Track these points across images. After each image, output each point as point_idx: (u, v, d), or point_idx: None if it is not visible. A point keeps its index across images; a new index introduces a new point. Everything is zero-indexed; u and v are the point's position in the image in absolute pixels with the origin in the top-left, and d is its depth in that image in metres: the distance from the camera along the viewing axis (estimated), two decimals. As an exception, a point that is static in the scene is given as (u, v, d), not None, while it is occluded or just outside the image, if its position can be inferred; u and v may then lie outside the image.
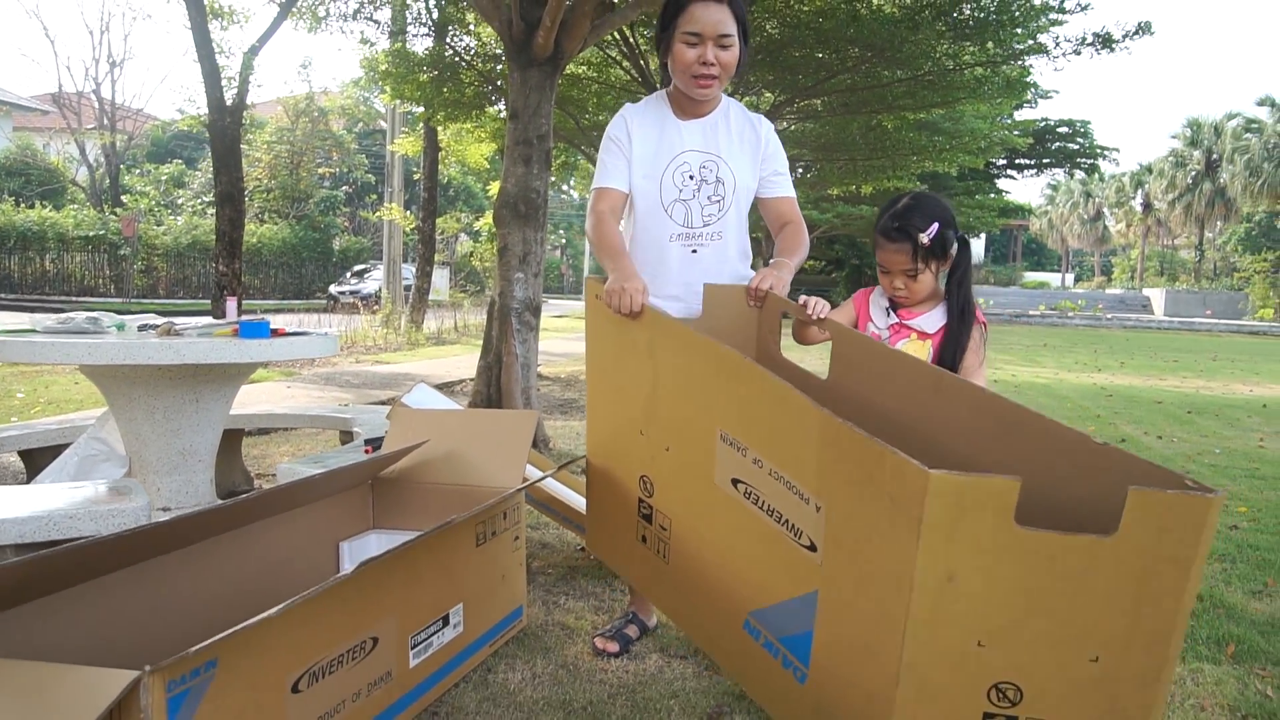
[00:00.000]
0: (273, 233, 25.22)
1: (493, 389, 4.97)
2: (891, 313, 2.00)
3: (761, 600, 1.63)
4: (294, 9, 10.64)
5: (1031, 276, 46.05)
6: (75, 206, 23.52)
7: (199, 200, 25.71)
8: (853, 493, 1.40)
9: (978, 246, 46.22)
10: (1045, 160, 29.20)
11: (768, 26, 9.06)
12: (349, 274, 25.29)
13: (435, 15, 10.72)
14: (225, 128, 9.92)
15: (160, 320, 2.99)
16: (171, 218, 23.88)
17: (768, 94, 10.42)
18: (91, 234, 21.36)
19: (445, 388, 7.84)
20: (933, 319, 1.95)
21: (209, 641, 1.27)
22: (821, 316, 1.89)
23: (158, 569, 1.86)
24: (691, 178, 2.11)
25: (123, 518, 2.17)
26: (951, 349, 1.89)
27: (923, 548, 1.32)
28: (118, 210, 23.22)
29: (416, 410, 2.56)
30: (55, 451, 3.27)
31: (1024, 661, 1.36)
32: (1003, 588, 1.35)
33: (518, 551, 2.32)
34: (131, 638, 1.78)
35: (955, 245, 1.92)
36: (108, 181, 26.49)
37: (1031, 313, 29.28)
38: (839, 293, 26.15)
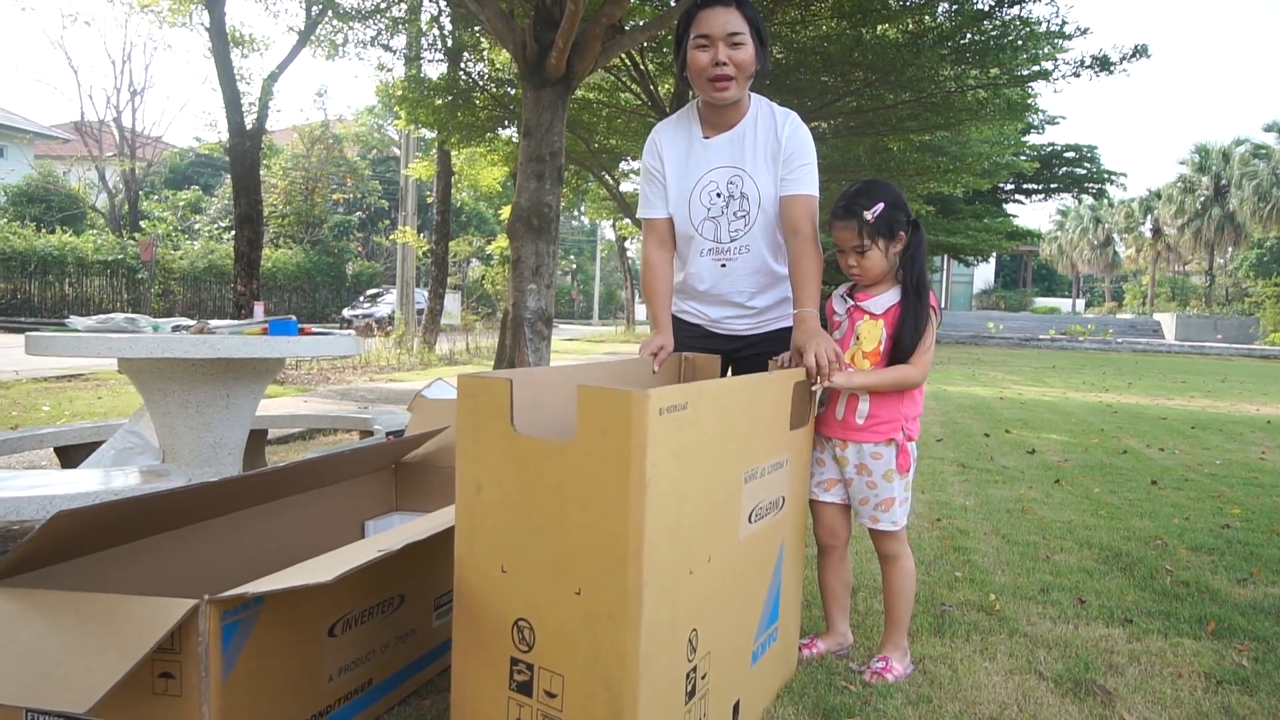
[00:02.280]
0: (287, 257, 25.60)
1: (506, 396, 5.13)
2: (849, 298, 2.11)
3: None
4: (313, 37, 10.96)
5: (1042, 302, 46.07)
6: (95, 232, 23.96)
7: (215, 225, 26.14)
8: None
9: (987, 270, 46.34)
10: (1053, 185, 29.35)
11: (774, 51, 9.30)
12: (362, 298, 25.61)
13: (449, 42, 11.03)
14: (245, 152, 10.19)
15: (192, 322, 3.16)
16: (188, 242, 24.27)
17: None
18: (110, 258, 21.75)
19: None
20: (882, 301, 2.05)
21: (259, 582, 1.41)
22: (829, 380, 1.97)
23: (196, 535, 2.00)
24: (719, 195, 2.19)
25: (163, 496, 2.32)
26: (909, 324, 1.99)
27: (459, 454, 1.37)
28: (136, 235, 23.63)
29: (436, 400, 2.71)
30: (89, 449, 3.42)
31: (532, 593, 1.35)
32: (511, 502, 1.33)
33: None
34: (196, 584, 1.93)
35: (907, 229, 2.05)
36: (126, 207, 26.96)
37: (1041, 337, 29.33)
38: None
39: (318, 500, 2.35)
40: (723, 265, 2.22)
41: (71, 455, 3.56)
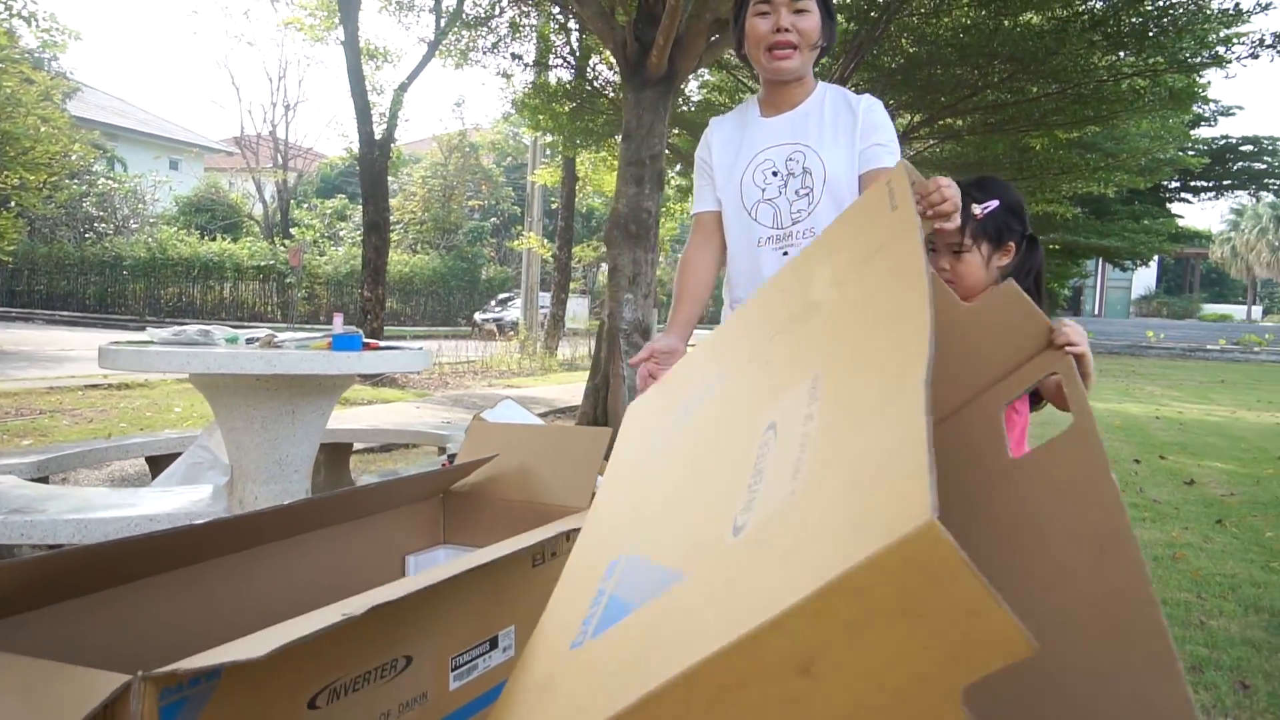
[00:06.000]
0: (424, 262, 26.54)
1: (599, 410, 4.93)
2: None
3: None
4: (441, 47, 11.18)
5: (1211, 309, 42.41)
6: (250, 239, 25.57)
7: (359, 232, 27.41)
8: None
9: (1148, 275, 43.09)
10: (1226, 182, 26.94)
11: (905, 44, 8.76)
12: (493, 302, 26.24)
13: (575, 49, 11.02)
14: (373, 161, 10.49)
15: (265, 333, 3.09)
16: (333, 248, 25.53)
17: (904, 115, 10.05)
18: (263, 264, 23.14)
19: (567, 411, 7.90)
20: None
21: (200, 656, 1.22)
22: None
23: (219, 570, 1.86)
24: (775, 174, 1.93)
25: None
26: None
27: None
28: (286, 242, 25.05)
29: (493, 424, 2.51)
30: (174, 458, 3.43)
31: None
32: None
33: (582, 575, 2.21)
34: (183, 639, 1.79)
35: (1020, 241, 1.70)
36: (279, 216, 28.66)
37: (1210, 347, 26.89)
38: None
39: (357, 532, 2.18)
40: (785, 254, 1.92)
41: (161, 465, 3.59)
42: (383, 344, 3.11)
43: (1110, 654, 1.01)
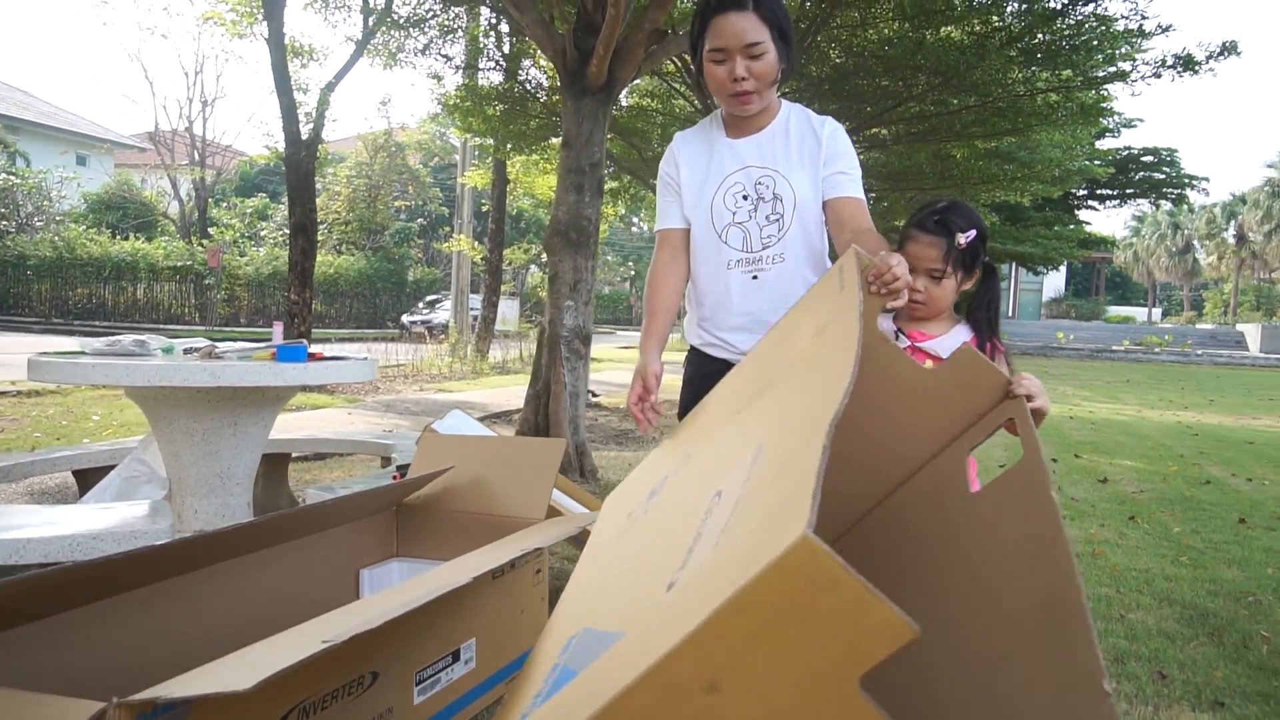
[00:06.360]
0: (349, 263, 25.98)
1: (540, 417, 4.93)
2: (901, 335, 1.79)
3: None
4: (369, 46, 10.99)
5: (1116, 311, 44.42)
6: (166, 239, 24.65)
7: (280, 232, 26.66)
8: None
9: (1058, 278, 44.85)
10: (1129, 190, 28.22)
11: (833, 54, 8.97)
12: (421, 304, 25.86)
13: (507, 50, 10.95)
14: (300, 161, 10.25)
15: (204, 344, 3.03)
16: (254, 249, 24.79)
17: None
18: (179, 264, 22.35)
19: (502, 416, 7.86)
20: (947, 343, 1.73)
21: (176, 681, 1.22)
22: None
23: (171, 592, 1.83)
24: (745, 197, 1.95)
25: (146, 539, 2.16)
26: None
27: None
28: (204, 242, 24.24)
29: (445, 436, 2.52)
30: (105, 472, 3.32)
31: None
32: None
33: (539, 586, 2.24)
34: (144, 660, 1.76)
35: (981, 268, 1.80)
36: (197, 215, 27.70)
37: (1115, 348, 28.18)
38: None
39: (311, 547, 2.17)
40: (754, 278, 1.96)
41: (89, 478, 3.47)
42: (328, 354, 3.08)
43: (1044, 646, 1.09)
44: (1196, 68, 7.09)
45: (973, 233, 1.75)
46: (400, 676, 1.72)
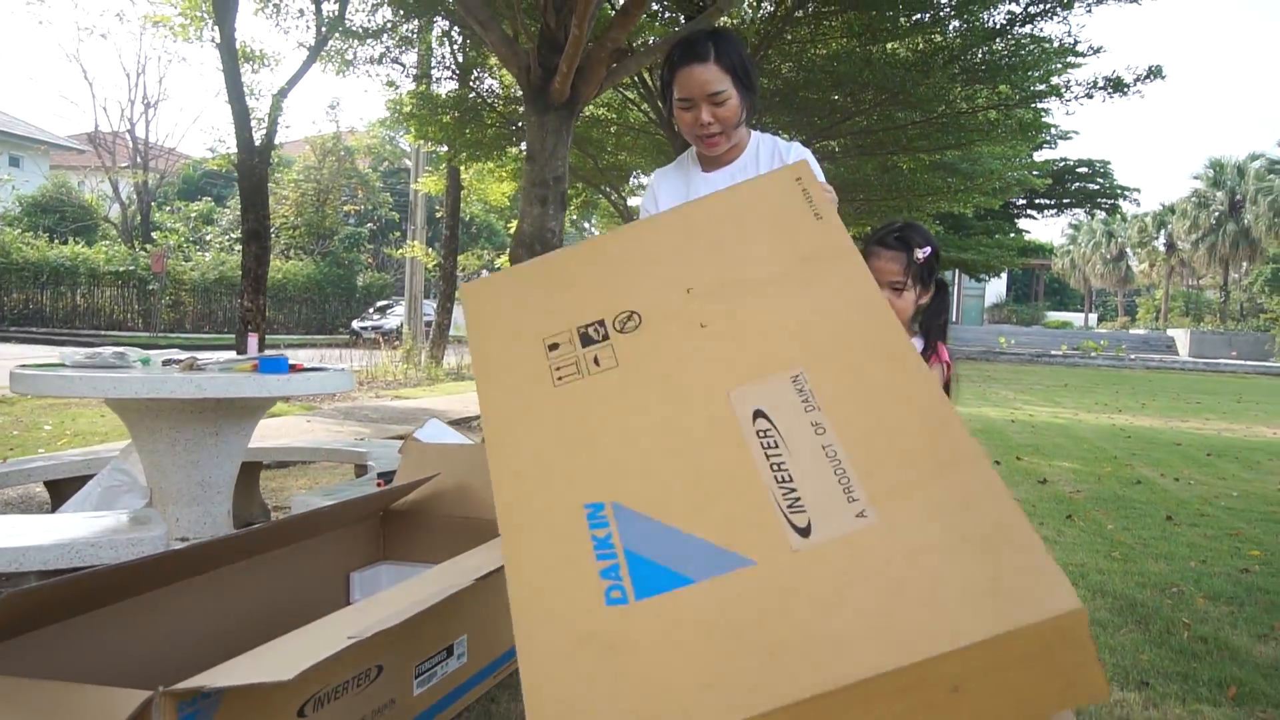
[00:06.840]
0: (298, 269, 25.65)
1: (507, 425, 5.05)
2: None
3: None
4: (322, 53, 10.96)
5: (1054, 316, 45.78)
6: (107, 243, 24.07)
7: (226, 237, 26.22)
8: None
9: (999, 284, 46.09)
10: (1065, 200, 29.24)
11: (784, 69, 9.24)
12: (372, 309, 25.63)
13: (460, 59, 11.02)
14: (253, 167, 10.17)
15: (184, 355, 3.09)
16: (199, 254, 24.36)
17: (784, 135, 10.58)
18: (121, 269, 21.84)
19: (462, 423, 7.93)
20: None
21: (218, 670, 1.33)
22: None
23: (173, 596, 1.93)
24: None
25: (142, 546, 2.24)
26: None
27: None
28: (148, 246, 23.72)
29: (428, 444, 2.63)
30: (79, 482, 3.36)
31: None
32: None
33: (523, 584, 2.37)
34: (146, 662, 1.85)
35: (935, 285, 1.99)
36: (139, 218, 27.09)
37: (1054, 352, 29.09)
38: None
39: (299, 553, 2.27)
40: None
41: (62, 489, 3.50)
42: (307, 365, 3.16)
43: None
44: (1125, 89, 7.48)
45: (929, 249, 1.94)
46: (402, 670, 1.84)
